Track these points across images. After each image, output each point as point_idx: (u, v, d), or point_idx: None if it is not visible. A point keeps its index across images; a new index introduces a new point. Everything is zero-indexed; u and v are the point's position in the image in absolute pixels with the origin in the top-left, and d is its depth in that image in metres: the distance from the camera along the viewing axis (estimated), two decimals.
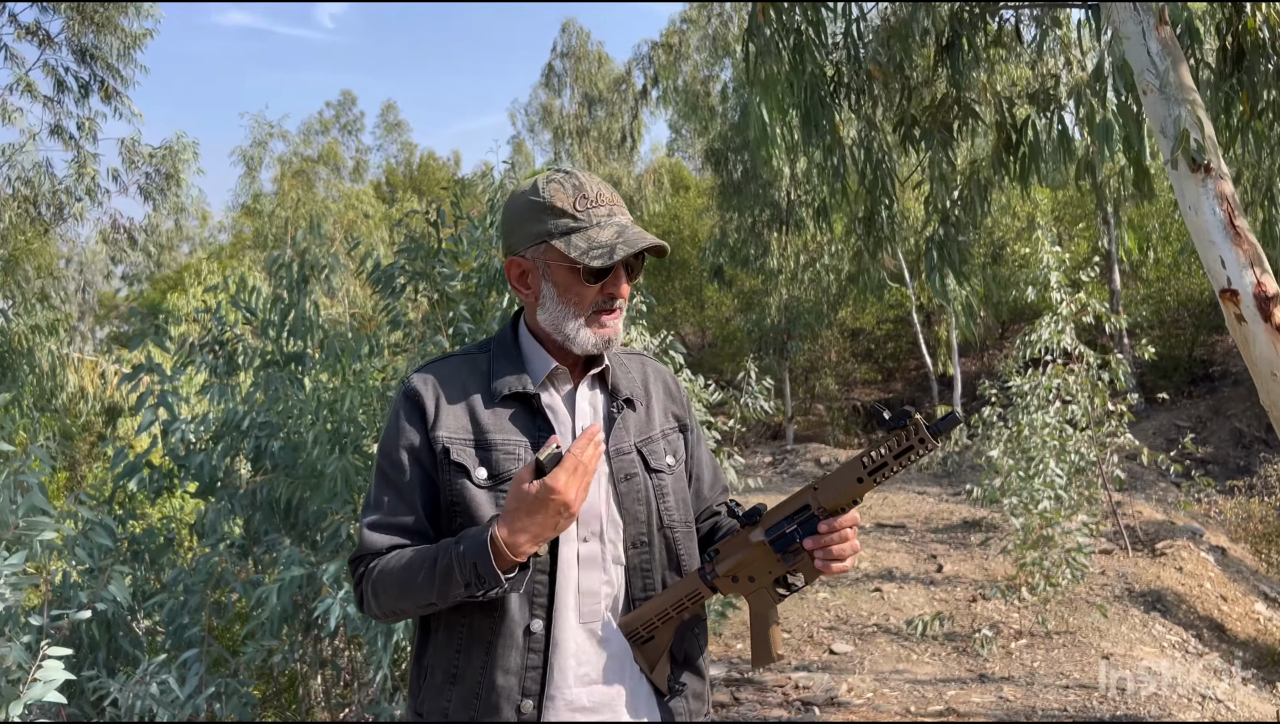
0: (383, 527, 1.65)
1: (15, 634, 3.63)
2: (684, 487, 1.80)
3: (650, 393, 1.82)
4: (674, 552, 1.73)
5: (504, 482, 1.61)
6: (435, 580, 1.54)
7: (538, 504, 1.49)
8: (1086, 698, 4.77)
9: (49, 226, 11.69)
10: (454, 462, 1.62)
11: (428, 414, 1.65)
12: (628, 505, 1.67)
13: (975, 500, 8.48)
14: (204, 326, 5.28)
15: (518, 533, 1.50)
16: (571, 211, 1.63)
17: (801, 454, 14.63)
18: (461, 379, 1.69)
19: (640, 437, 1.74)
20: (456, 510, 1.62)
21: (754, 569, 1.65)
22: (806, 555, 1.61)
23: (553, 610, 1.62)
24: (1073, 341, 7.09)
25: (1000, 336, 18.95)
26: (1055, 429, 6.68)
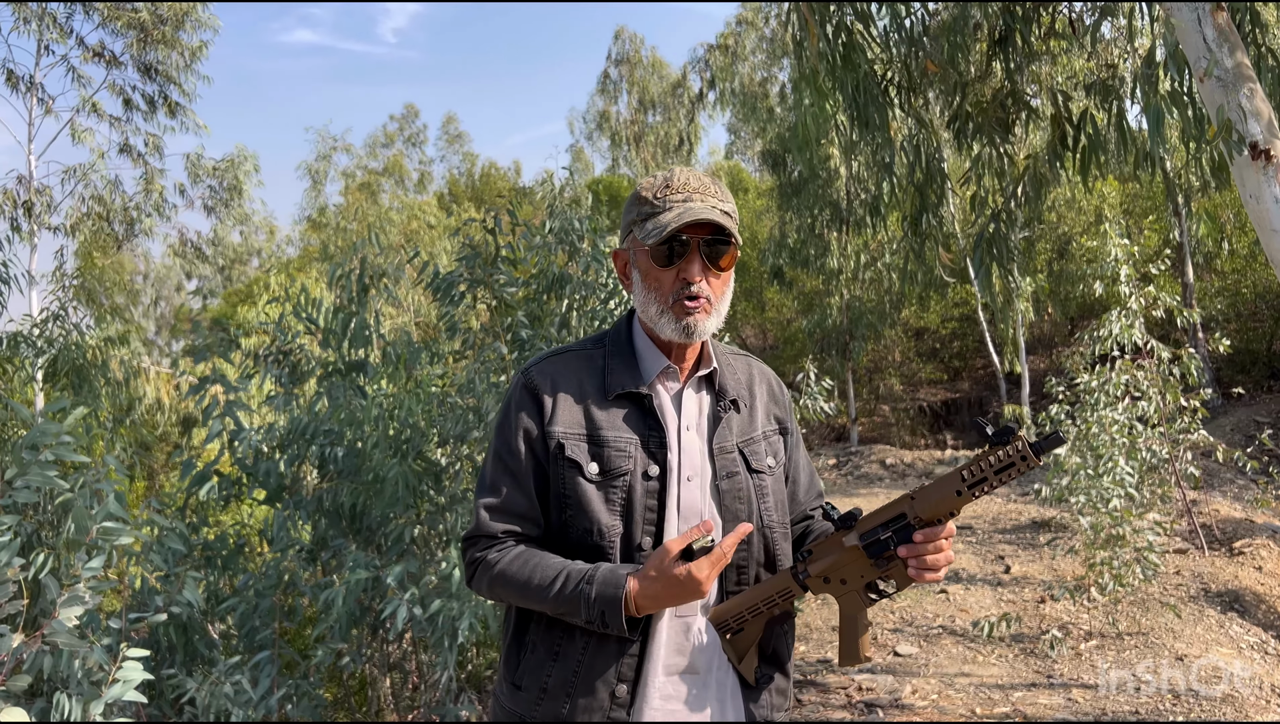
0: (498, 511, 1.72)
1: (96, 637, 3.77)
2: (783, 488, 1.85)
3: (755, 394, 1.86)
4: (771, 551, 1.78)
5: (615, 477, 1.68)
6: (557, 603, 1.62)
7: (678, 586, 1.58)
8: (1159, 701, 4.65)
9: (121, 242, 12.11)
10: (568, 457, 1.68)
11: (545, 407, 1.71)
12: (728, 503, 1.72)
13: (1044, 500, 8.32)
14: (269, 337, 5.44)
15: (649, 600, 1.59)
16: (651, 200, 1.70)
17: (866, 456, 14.48)
18: (577, 375, 1.75)
19: (743, 437, 1.78)
20: (567, 503, 1.69)
21: (846, 572, 1.69)
22: (899, 563, 1.64)
23: None
24: (1143, 336, 6.92)
25: (1069, 333, 18.52)
26: (1125, 426, 6.52)
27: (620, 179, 26.48)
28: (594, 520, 1.67)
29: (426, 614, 4.30)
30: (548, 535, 1.75)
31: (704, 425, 1.76)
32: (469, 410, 5.05)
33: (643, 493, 1.68)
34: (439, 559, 4.74)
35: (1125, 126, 4.29)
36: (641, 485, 1.68)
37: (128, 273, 20.58)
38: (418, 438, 5.06)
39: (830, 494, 11.20)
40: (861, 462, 14.12)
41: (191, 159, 13.26)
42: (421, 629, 4.50)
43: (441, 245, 19.73)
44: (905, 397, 19.16)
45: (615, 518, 1.68)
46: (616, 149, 27.04)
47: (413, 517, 5.22)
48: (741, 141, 29.66)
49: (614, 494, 1.67)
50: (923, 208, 5.65)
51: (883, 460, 14.00)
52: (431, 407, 5.22)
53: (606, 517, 1.67)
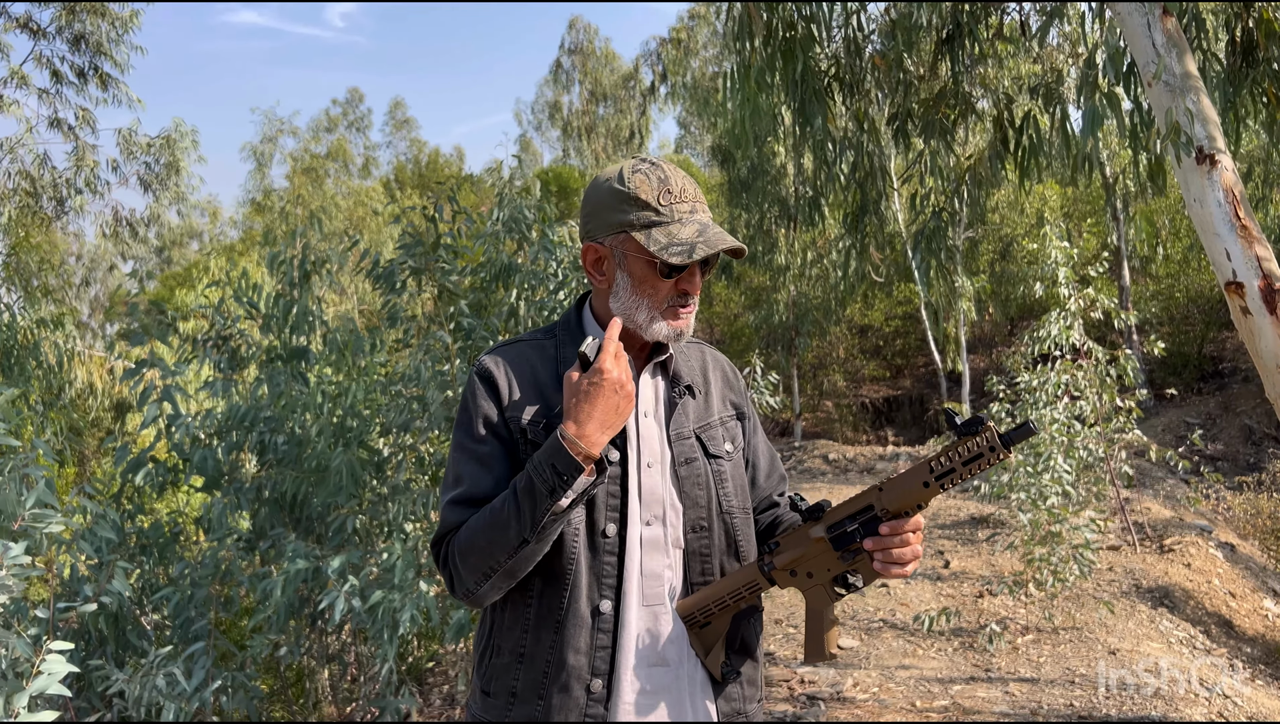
0: (464, 501, 1.67)
1: (21, 627, 3.65)
2: (742, 473, 1.84)
3: (709, 380, 1.85)
4: (732, 537, 1.77)
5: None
6: (520, 506, 1.56)
7: (593, 389, 1.56)
8: (1092, 694, 4.75)
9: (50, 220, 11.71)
10: (530, 441, 1.66)
11: (502, 394, 1.69)
12: (688, 489, 1.71)
13: (983, 496, 8.46)
14: (207, 322, 5.30)
15: (584, 422, 1.56)
16: (654, 205, 1.65)
17: (810, 451, 14.61)
18: (530, 363, 1.73)
19: (699, 423, 1.77)
20: None
21: (813, 565, 1.66)
22: (866, 556, 1.61)
23: (621, 592, 1.67)
24: (1081, 337, 7.05)
25: (1009, 333, 18.88)
26: (1064, 425, 6.65)
27: (570, 169, 26.37)
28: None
29: (367, 606, 4.23)
30: None
31: (661, 412, 1.74)
32: (413, 400, 4.98)
33: (608, 485, 1.66)
34: (380, 550, 4.66)
35: (1068, 130, 4.36)
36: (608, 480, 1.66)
37: (60, 253, 20.00)
38: (361, 426, 4.97)
39: None
40: (805, 456, 14.24)
41: (125, 134, 12.84)
42: (361, 621, 4.43)
43: (387, 232, 19.48)
44: (848, 393, 19.37)
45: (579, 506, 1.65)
46: (567, 139, 26.93)
47: (355, 506, 5.13)
48: (691, 136, 29.70)
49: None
50: (863, 206, 5.68)
51: (826, 455, 14.13)
52: (375, 395, 5.14)
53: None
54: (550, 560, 1.65)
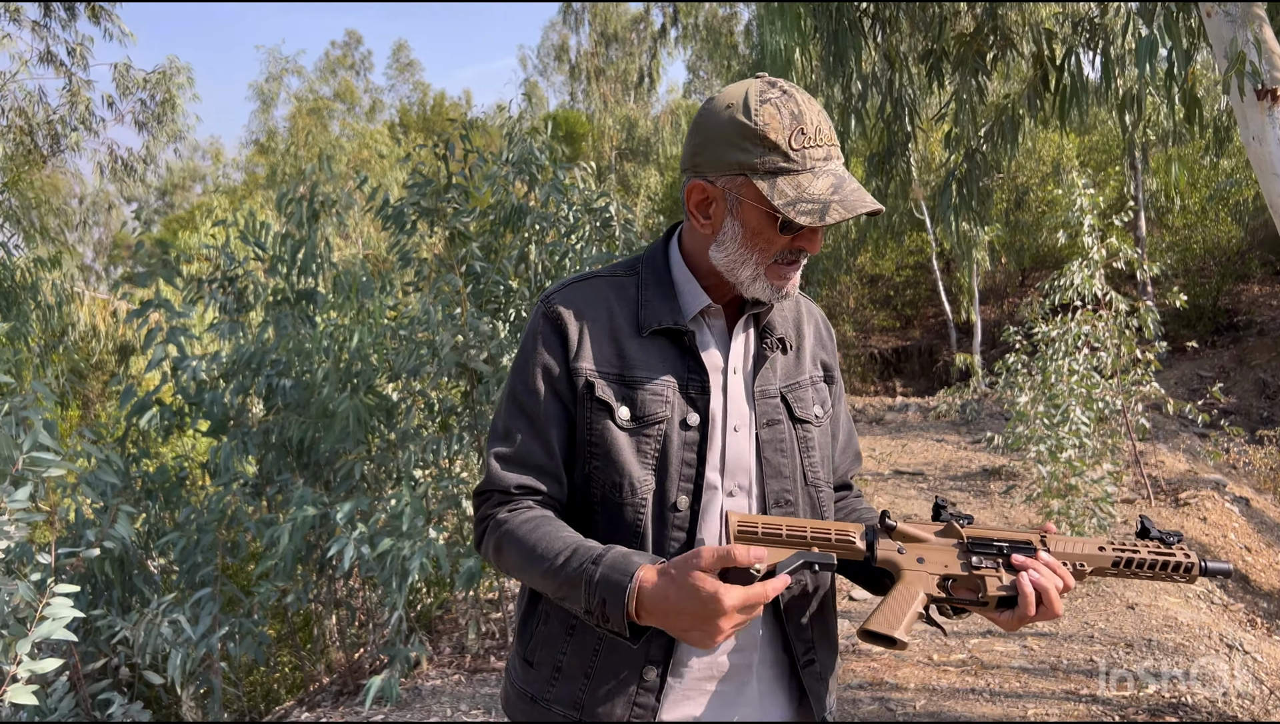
0: (512, 462, 1.50)
1: (25, 572, 3.57)
2: (829, 443, 1.62)
3: (803, 334, 1.63)
4: (820, 513, 1.56)
5: (649, 424, 1.46)
6: (557, 580, 1.38)
7: (695, 601, 1.26)
8: (1112, 649, 4.68)
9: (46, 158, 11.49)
10: (597, 398, 1.46)
11: (570, 340, 1.49)
12: (769, 456, 1.50)
13: (995, 448, 8.37)
14: (213, 263, 5.17)
15: (656, 604, 1.29)
16: (785, 147, 1.38)
17: None
18: (608, 304, 1.52)
19: (787, 382, 1.56)
20: (595, 452, 1.47)
21: (930, 553, 1.41)
22: (995, 581, 1.37)
23: None
24: (1103, 287, 6.90)
25: (1021, 284, 18.68)
26: (1083, 376, 6.53)
27: (577, 114, 25.98)
28: (624, 472, 1.45)
29: (375, 553, 4.15)
30: (572, 493, 1.52)
31: (749, 366, 1.54)
32: (422, 345, 4.86)
33: (680, 444, 1.46)
34: (389, 497, 4.57)
35: (1109, 67, 4.17)
36: (679, 435, 1.46)
37: (62, 195, 19.80)
38: (369, 371, 4.86)
39: None
40: None
41: (120, 70, 12.53)
42: (370, 568, 4.35)
43: (393, 176, 19.24)
44: (857, 343, 19.24)
45: (648, 471, 1.46)
46: (574, 82, 26.51)
47: (363, 453, 5.04)
48: (700, 81, 29.20)
49: (647, 444, 1.46)
50: (891, 147, 5.50)
51: None
52: (383, 339, 5.02)
53: (638, 469, 1.45)
54: (613, 528, 1.46)
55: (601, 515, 1.47)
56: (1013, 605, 1.36)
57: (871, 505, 1.71)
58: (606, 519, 1.46)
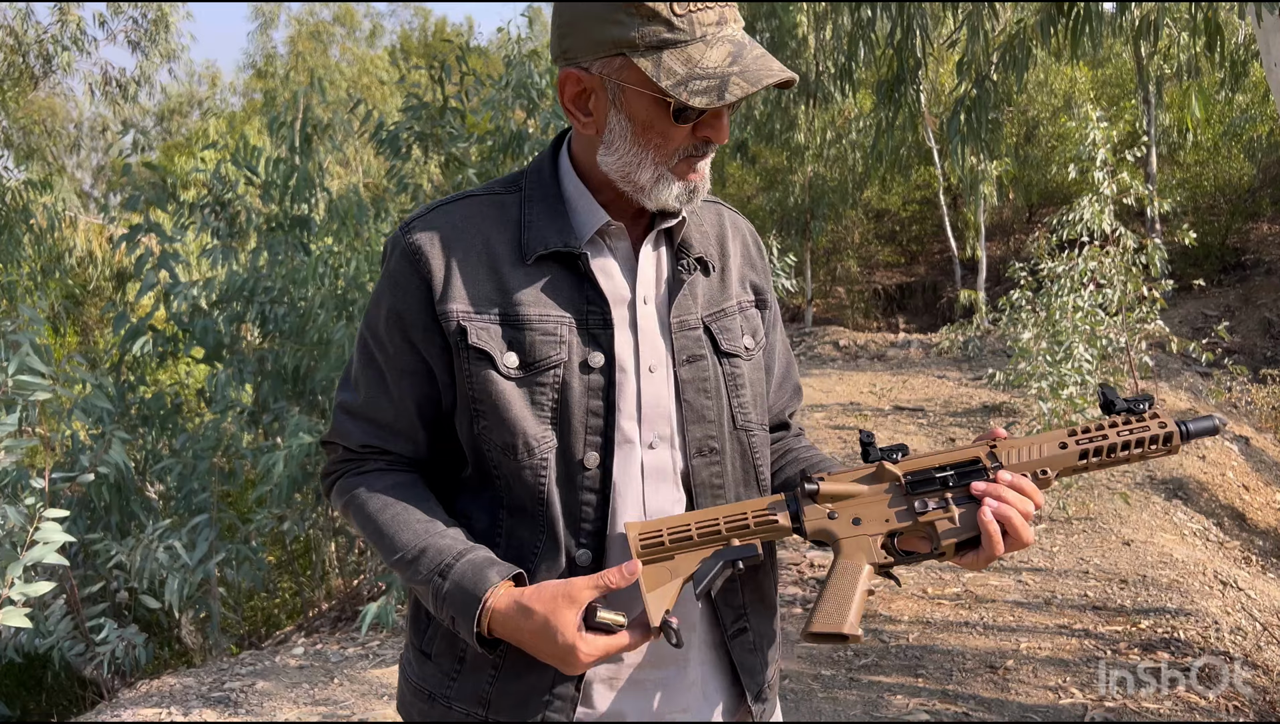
0: (359, 416, 1.31)
1: (18, 497, 3.56)
2: (762, 379, 1.40)
3: (728, 253, 1.39)
4: (750, 461, 1.34)
5: (542, 371, 1.23)
6: (408, 581, 1.25)
7: (552, 650, 1.15)
8: (1106, 584, 4.70)
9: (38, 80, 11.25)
10: (472, 346, 1.22)
11: (433, 278, 1.24)
12: (691, 397, 1.28)
13: (996, 385, 8.35)
14: (205, 187, 5.08)
15: (511, 632, 1.17)
16: (667, 14, 1.13)
17: (820, 337, 14.47)
18: (483, 229, 1.27)
19: (711, 309, 1.33)
20: (480, 409, 1.24)
21: (865, 509, 1.20)
22: (948, 520, 1.17)
23: (606, 540, 1.25)
24: (1112, 223, 6.80)
25: (1028, 220, 18.49)
26: (1087, 313, 6.46)
27: None
28: (516, 430, 1.22)
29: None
30: (469, 458, 1.30)
31: (662, 293, 1.30)
32: None
33: (582, 391, 1.23)
34: None
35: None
36: (580, 381, 1.23)
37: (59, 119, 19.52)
38: (365, 299, 4.80)
39: None
40: (815, 342, 14.11)
41: None
42: None
43: (393, 102, 18.93)
44: (861, 279, 19.12)
45: (546, 426, 1.23)
46: None
47: None
48: None
49: (542, 394, 1.23)
50: (900, 74, 5.36)
51: (836, 342, 14.00)
52: (379, 266, 4.96)
53: (534, 425, 1.23)
54: (515, 495, 1.26)
55: (500, 481, 1.26)
56: (976, 546, 1.16)
57: (819, 449, 1.50)
58: (506, 485, 1.26)
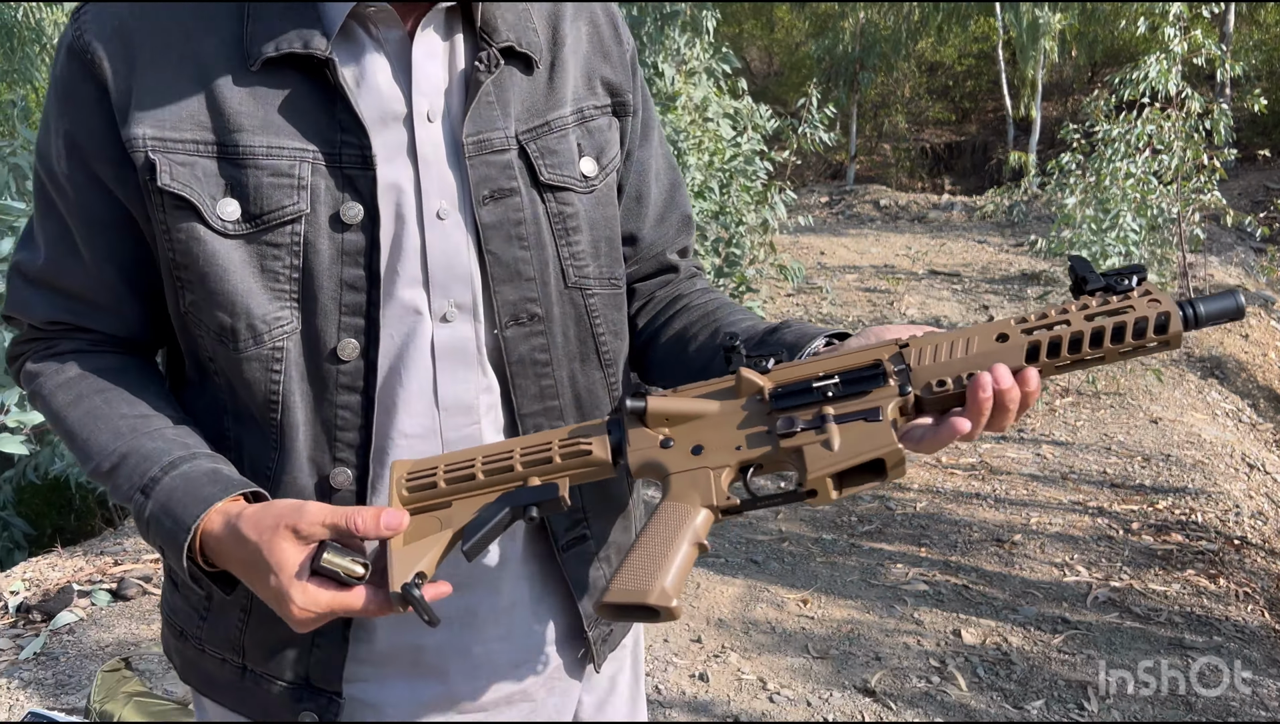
0: (41, 284, 0.98)
1: None
2: (613, 215, 1.05)
3: (562, 39, 1.01)
4: (590, 330, 1.03)
5: (271, 226, 0.89)
6: (112, 495, 0.96)
7: (266, 593, 0.85)
8: (1128, 462, 4.59)
9: None
10: (165, 190, 0.88)
11: (113, 89, 0.89)
12: (497, 248, 0.96)
13: (1038, 252, 8.06)
14: None
15: (226, 564, 0.89)
16: None
17: (860, 195, 14.05)
18: (185, 22, 0.90)
19: (530, 123, 0.98)
20: (185, 278, 0.91)
21: (711, 434, 0.87)
22: (817, 443, 0.82)
23: (373, 453, 0.96)
24: (1179, 84, 6.36)
25: (1089, 80, 17.58)
26: (1139, 180, 6.14)
27: None
28: (236, 310, 0.90)
29: None
30: (164, 330, 1.00)
31: (456, 106, 0.95)
32: None
33: (334, 256, 0.91)
34: None
35: None
36: (330, 242, 0.91)
37: None
38: None
39: (817, 235, 10.90)
40: (855, 201, 13.72)
41: None
42: None
43: None
44: (909, 136, 18.45)
45: (283, 304, 0.91)
46: None
47: None
48: None
49: (275, 260, 0.90)
50: None
51: (877, 201, 13.60)
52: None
53: (262, 302, 0.90)
54: (240, 399, 0.95)
55: (219, 377, 0.95)
56: (874, 475, 0.82)
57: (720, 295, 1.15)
58: (227, 384, 0.95)
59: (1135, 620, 3.25)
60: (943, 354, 0.84)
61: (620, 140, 1.07)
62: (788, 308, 7.60)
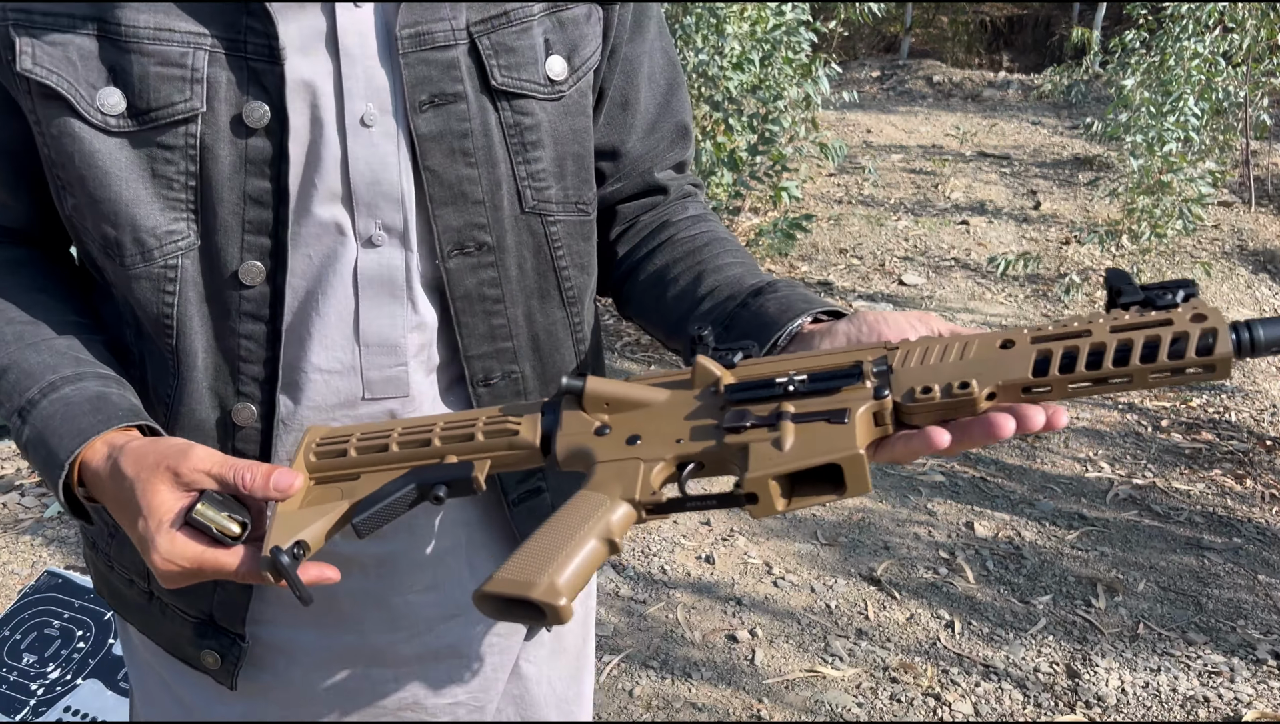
0: None
1: None
2: (584, 128, 0.90)
3: None
4: (551, 261, 0.90)
5: (164, 127, 0.76)
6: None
7: (132, 530, 0.76)
8: None
9: None
10: (28, 75, 0.75)
11: None
12: (436, 165, 0.82)
13: (1093, 135, 7.72)
14: None
15: (102, 496, 0.80)
16: None
17: (914, 71, 13.50)
18: None
19: (486, 12, 0.82)
20: (64, 179, 0.80)
21: (652, 424, 0.75)
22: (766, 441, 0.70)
23: (280, 389, 0.86)
24: None
25: None
26: (1206, 61, 5.80)
27: None
28: (121, 220, 0.78)
29: None
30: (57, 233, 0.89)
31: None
32: None
33: (236, 164, 0.78)
34: None
35: None
36: (232, 148, 0.78)
37: None
38: None
39: (865, 112, 10.54)
40: (907, 76, 13.20)
41: None
42: None
43: None
44: (968, 9, 17.60)
45: (177, 216, 0.79)
46: None
47: None
48: None
49: (168, 164, 0.78)
50: None
51: (930, 77, 13.08)
52: None
53: (152, 213, 0.78)
54: (131, 321, 0.85)
55: (117, 290, 0.84)
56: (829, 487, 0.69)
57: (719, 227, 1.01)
58: (124, 300, 0.84)
59: (1154, 519, 3.21)
60: (933, 357, 0.71)
61: (604, 34, 0.88)
62: (828, 188, 7.40)
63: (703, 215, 1.01)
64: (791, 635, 2.68)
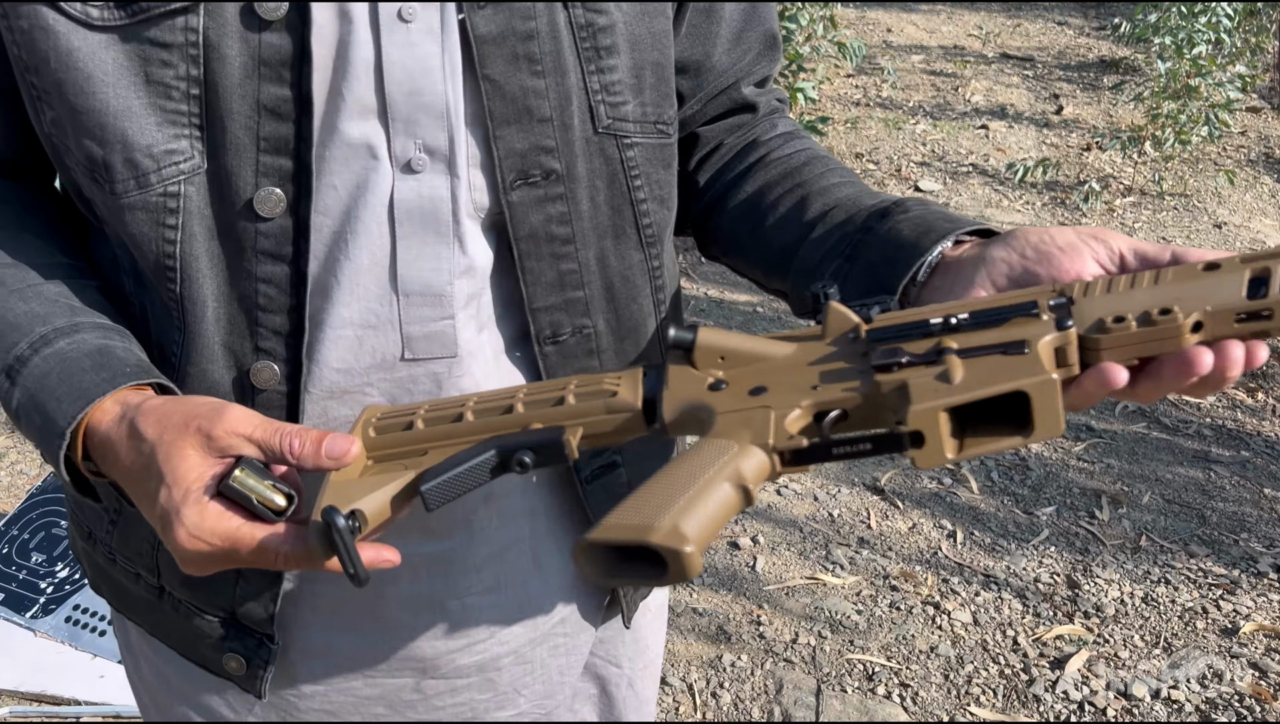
0: None
1: None
2: (662, 33, 0.75)
3: None
4: (628, 194, 0.76)
5: (157, 20, 0.62)
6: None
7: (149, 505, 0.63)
8: None
9: None
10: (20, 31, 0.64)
11: None
12: (496, 72, 0.68)
13: (1121, 36, 7.48)
14: None
15: (112, 465, 0.66)
16: None
17: None
18: None
19: None
20: (38, 85, 0.66)
21: (779, 377, 0.62)
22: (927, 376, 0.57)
23: (306, 343, 0.71)
24: None
25: None
26: None
27: None
28: (109, 136, 0.64)
29: None
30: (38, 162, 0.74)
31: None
32: None
33: (248, 66, 0.64)
34: None
35: None
36: (242, 45, 0.63)
37: None
38: None
39: (886, 10, 10.20)
40: None
41: None
42: None
43: None
44: None
45: (177, 132, 0.65)
46: None
47: None
48: None
49: (165, 67, 0.63)
50: None
51: None
52: None
53: (145, 127, 0.64)
54: (132, 255, 0.71)
55: (109, 226, 0.71)
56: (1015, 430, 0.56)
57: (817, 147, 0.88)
58: (115, 236, 0.71)
59: (1163, 431, 3.19)
60: (1121, 285, 0.59)
61: None
62: (845, 90, 7.21)
63: (795, 132, 0.88)
64: (793, 543, 2.69)
